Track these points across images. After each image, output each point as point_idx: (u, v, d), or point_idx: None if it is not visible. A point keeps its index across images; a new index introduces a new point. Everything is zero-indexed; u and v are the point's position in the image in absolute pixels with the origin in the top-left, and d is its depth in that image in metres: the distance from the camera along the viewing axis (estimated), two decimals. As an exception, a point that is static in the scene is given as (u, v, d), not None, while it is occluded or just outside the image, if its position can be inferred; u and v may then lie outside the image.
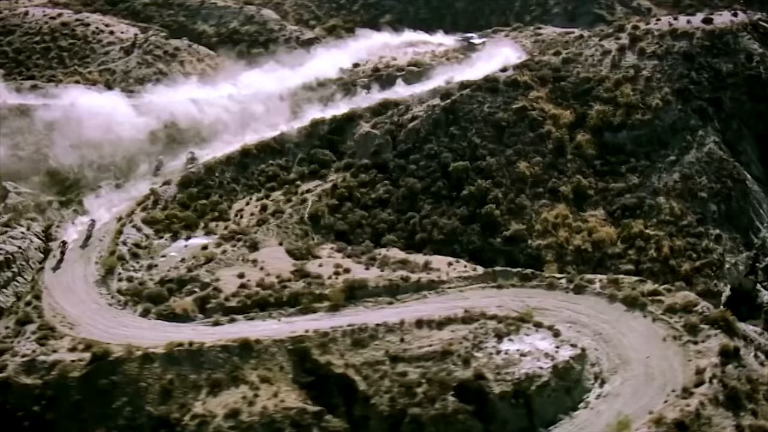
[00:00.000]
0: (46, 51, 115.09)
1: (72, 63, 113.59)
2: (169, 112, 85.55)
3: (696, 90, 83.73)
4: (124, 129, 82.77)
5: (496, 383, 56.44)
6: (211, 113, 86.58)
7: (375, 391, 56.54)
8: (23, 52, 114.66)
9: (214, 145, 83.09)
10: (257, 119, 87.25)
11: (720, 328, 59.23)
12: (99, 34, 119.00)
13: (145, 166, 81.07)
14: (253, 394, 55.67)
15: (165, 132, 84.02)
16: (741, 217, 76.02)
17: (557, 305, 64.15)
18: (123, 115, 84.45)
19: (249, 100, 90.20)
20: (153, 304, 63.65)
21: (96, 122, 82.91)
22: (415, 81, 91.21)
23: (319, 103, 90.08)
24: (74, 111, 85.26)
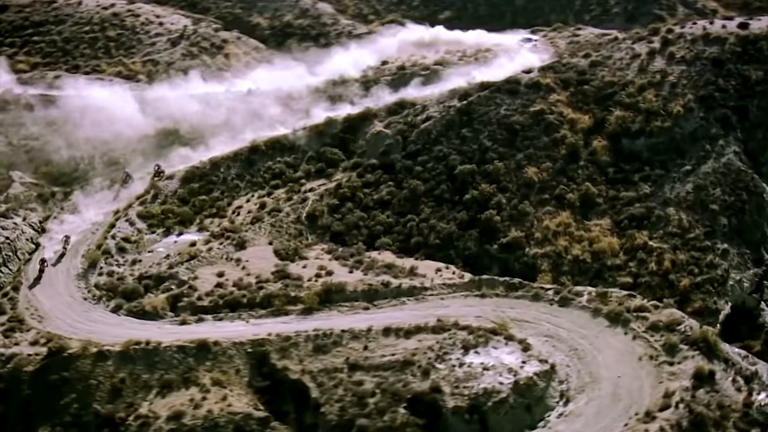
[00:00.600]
0: (94, 41, 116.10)
1: (117, 53, 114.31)
2: (179, 107, 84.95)
3: (721, 97, 79.87)
4: (127, 125, 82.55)
5: (451, 397, 54.62)
6: (223, 109, 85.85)
7: (327, 399, 55.28)
8: (71, 41, 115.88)
9: (223, 141, 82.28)
10: (273, 116, 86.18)
11: (699, 349, 56.25)
12: (148, 25, 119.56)
13: (139, 163, 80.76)
14: (202, 396, 54.84)
15: (166, 130, 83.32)
16: (753, 232, 72.21)
17: (538, 317, 62.01)
18: (126, 110, 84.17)
19: (267, 96, 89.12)
20: (126, 300, 63.46)
21: (101, 117, 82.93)
22: (436, 80, 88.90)
23: (339, 101, 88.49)
24: (85, 104, 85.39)
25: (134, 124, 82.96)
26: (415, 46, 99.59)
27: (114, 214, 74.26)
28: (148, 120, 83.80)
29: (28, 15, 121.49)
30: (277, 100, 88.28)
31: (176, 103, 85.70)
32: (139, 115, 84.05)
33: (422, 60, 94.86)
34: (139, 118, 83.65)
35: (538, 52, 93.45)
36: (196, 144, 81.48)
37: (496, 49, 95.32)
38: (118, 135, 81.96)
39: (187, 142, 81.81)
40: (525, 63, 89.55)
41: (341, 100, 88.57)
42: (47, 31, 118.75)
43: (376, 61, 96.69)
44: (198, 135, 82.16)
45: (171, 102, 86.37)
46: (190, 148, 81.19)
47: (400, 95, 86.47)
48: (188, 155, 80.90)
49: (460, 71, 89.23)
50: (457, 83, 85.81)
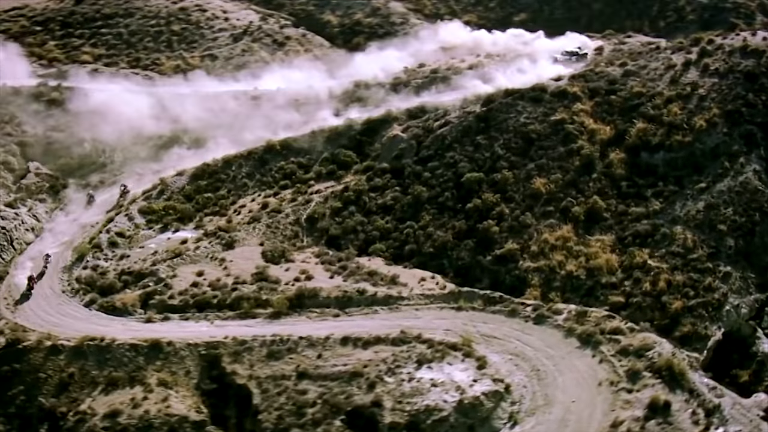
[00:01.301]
0: (158, 34, 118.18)
1: (179, 48, 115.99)
2: (202, 105, 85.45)
3: (748, 113, 75.85)
4: (149, 121, 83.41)
5: (390, 412, 53.45)
6: (245, 108, 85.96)
7: (267, 406, 54.78)
8: (137, 34, 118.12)
9: (240, 140, 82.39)
10: (296, 115, 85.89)
11: (662, 377, 53.68)
12: (213, 20, 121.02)
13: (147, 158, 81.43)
14: (143, 396, 54.93)
15: (181, 128, 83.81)
16: (761, 255, 68.27)
17: (509, 334, 60.22)
18: (150, 107, 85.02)
19: (294, 96, 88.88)
20: (101, 295, 64.10)
21: (127, 112, 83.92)
22: (464, 85, 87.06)
23: (365, 103, 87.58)
24: (116, 99, 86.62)
25: (156, 121, 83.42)
26: (458, 48, 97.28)
27: (119, 207, 74.55)
28: (169, 117, 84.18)
29: (100, 7, 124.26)
30: (305, 100, 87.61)
31: (199, 100, 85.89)
32: (161, 112, 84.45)
33: (458, 63, 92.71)
34: (162, 114, 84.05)
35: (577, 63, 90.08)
36: (212, 141, 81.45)
37: (537, 55, 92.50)
38: (139, 131, 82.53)
39: (205, 140, 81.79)
40: (562, 70, 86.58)
41: (367, 102, 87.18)
42: (116, 23, 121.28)
43: (414, 63, 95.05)
44: (215, 133, 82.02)
45: (196, 99, 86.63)
46: (205, 147, 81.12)
47: (426, 99, 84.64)
48: (203, 154, 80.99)
49: (490, 76, 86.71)
50: (484, 88, 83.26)
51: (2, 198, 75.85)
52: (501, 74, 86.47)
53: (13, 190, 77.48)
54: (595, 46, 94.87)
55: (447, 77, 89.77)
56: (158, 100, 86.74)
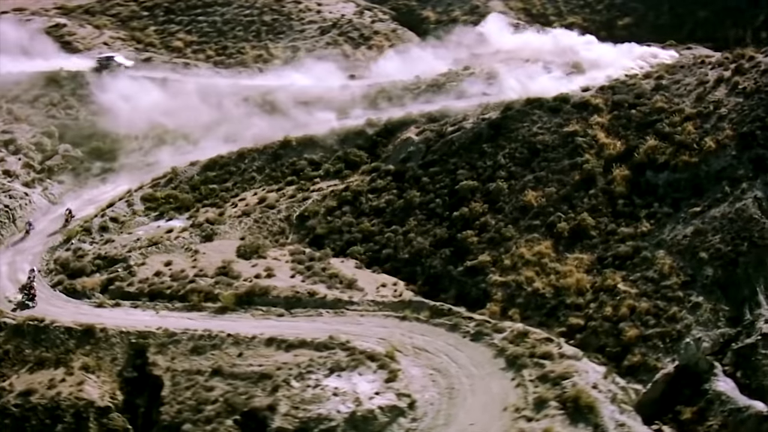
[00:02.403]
0: (250, 24, 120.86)
1: (266, 38, 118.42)
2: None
3: (763, 136, 71.53)
4: (188, 112, 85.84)
5: (282, 417, 54.07)
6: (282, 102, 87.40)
7: (172, 399, 56.22)
8: (230, 23, 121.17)
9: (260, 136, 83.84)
10: (325, 111, 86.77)
11: (566, 409, 52.27)
12: (306, 12, 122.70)
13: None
14: (62, 378, 57.34)
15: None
16: (741, 288, 64.33)
17: (441, 349, 59.89)
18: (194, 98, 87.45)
19: (330, 92, 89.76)
20: (69, 278, 66.87)
21: (172, 103, 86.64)
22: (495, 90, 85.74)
23: (395, 103, 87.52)
24: (170, 88, 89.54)
25: (194, 112, 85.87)
26: (509, 51, 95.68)
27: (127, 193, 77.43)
28: (207, 109, 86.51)
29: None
30: (340, 95, 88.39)
31: (240, 92, 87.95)
32: (198, 103, 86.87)
33: (499, 67, 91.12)
34: (201, 107, 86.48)
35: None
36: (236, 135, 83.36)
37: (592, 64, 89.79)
38: (178, 121, 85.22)
39: (236, 133, 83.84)
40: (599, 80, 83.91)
41: (394, 102, 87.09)
42: (213, 11, 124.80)
43: (455, 65, 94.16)
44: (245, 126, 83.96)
45: (237, 91, 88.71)
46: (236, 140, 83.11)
47: (452, 103, 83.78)
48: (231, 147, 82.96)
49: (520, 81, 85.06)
50: (509, 94, 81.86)
51: (21, 177, 79.88)
52: (530, 80, 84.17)
53: (36, 170, 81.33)
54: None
55: (483, 80, 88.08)
56: (201, 91, 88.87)
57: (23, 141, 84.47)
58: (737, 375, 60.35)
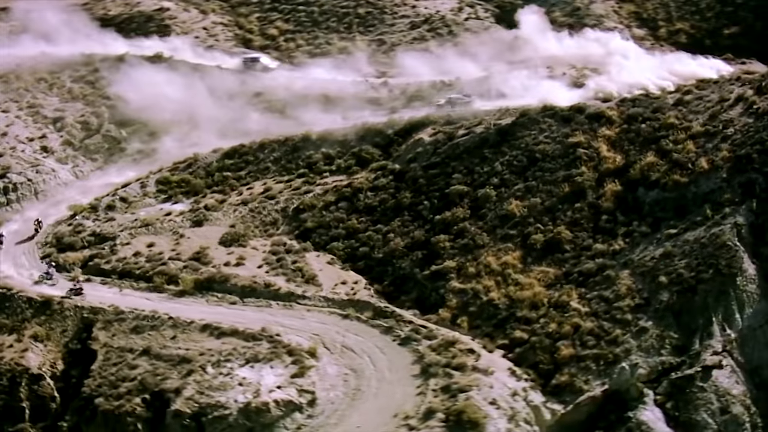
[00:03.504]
0: (344, 16, 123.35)
1: (355, 30, 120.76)
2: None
3: (759, 160, 68.61)
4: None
5: (184, 401, 56.80)
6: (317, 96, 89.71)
7: (97, 373, 59.92)
8: (326, 14, 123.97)
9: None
10: (361, 108, 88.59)
11: (447, 421, 53.19)
12: (400, 6, 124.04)
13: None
14: (10, 344, 62.17)
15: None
16: (696, 316, 62.28)
17: (366, 350, 61.84)
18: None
19: (367, 89, 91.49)
20: (59, 251, 71.59)
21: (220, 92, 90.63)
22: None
23: (426, 103, 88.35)
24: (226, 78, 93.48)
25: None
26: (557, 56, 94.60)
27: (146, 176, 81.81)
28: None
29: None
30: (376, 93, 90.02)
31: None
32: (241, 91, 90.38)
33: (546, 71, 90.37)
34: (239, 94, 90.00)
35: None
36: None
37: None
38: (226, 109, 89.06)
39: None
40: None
41: (425, 102, 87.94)
42: (314, 1, 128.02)
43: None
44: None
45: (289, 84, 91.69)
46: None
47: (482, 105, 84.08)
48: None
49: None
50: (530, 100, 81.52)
51: (57, 153, 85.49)
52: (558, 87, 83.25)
53: (75, 147, 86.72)
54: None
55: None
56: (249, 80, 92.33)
57: (70, 119, 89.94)
58: (667, 406, 58.75)
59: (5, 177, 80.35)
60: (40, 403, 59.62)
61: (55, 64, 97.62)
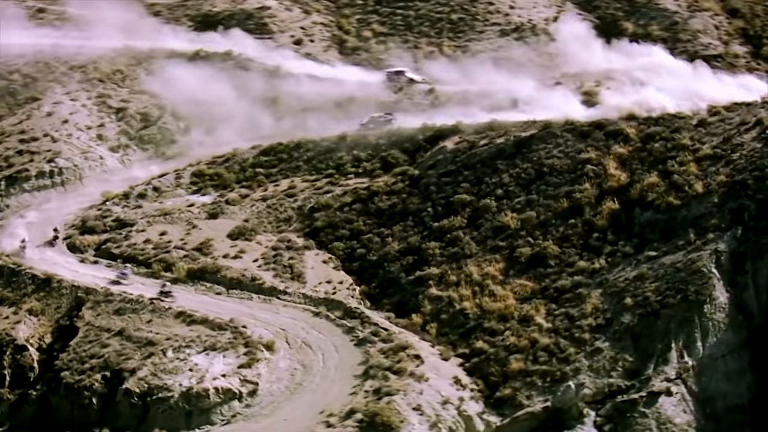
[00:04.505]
0: (437, 21, 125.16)
1: (445, 36, 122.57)
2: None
3: (754, 186, 67.27)
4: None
5: (136, 381, 60.94)
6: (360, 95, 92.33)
7: (74, 349, 64.83)
8: (421, 18, 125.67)
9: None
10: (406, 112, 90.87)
11: (361, 423, 55.69)
12: (493, 14, 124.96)
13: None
14: (6, 316, 67.86)
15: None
16: (655, 341, 61.78)
17: (323, 348, 64.94)
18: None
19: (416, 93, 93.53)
20: (81, 233, 77.08)
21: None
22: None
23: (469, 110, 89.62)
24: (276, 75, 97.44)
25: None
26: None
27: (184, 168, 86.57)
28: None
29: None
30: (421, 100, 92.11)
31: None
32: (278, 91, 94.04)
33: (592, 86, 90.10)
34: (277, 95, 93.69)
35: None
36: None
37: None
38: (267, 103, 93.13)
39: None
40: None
41: (461, 109, 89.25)
42: (412, 5, 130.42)
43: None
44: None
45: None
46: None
47: (505, 115, 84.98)
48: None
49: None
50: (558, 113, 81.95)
51: (110, 142, 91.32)
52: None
53: (130, 137, 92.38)
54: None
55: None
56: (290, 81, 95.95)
57: (132, 110, 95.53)
58: (606, 428, 58.96)
59: (53, 161, 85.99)
60: (21, 372, 64.36)
61: (135, 58, 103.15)
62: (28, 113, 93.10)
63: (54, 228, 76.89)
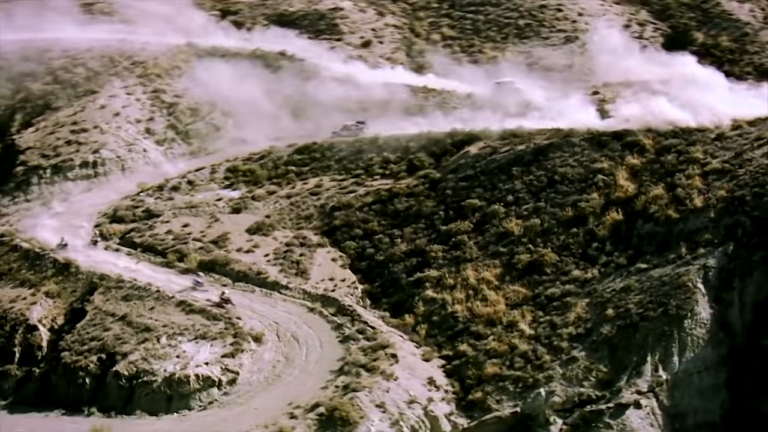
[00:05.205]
0: (505, 26, 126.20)
1: (510, 41, 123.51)
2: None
3: (752, 202, 66.82)
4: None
5: (126, 364, 64.52)
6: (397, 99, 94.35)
7: (78, 331, 68.91)
8: (489, 23, 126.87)
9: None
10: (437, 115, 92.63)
11: (321, 417, 58.13)
12: (561, 21, 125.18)
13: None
14: (24, 297, 72.23)
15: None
16: (632, 353, 61.94)
17: (309, 342, 67.44)
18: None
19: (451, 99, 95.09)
20: (110, 222, 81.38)
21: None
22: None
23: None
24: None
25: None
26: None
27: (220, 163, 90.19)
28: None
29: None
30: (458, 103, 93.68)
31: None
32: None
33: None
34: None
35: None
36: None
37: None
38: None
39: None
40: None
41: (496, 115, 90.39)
42: (483, 10, 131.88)
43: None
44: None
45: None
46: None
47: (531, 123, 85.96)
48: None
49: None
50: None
51: (157, 135, 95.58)
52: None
53: (178, 131, 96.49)
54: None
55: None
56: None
57: (183, 105, 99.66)
58: (570, 437, 59.65)
59: (97, 152, 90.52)
60: (30, 350, 68.38)
61: (195, 55, 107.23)
62: (83, 105, 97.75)
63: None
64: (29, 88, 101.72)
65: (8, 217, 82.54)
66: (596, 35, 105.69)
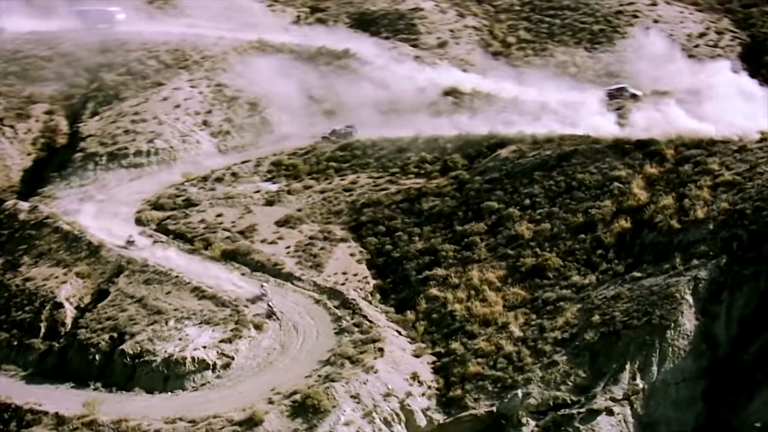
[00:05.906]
0: (579, 31, 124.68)
1: (581, 45, 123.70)
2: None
3: (751, 216, 66.51)
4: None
5: (132, 343, 68.73)
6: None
7: (97, 311, 73.42)
8: (564, 27, 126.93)
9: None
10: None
11: (295, 402, 61.10)
12: (634, 27, 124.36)
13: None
14: (56, 276, 77.06)
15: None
16: (611, 360, 63.09)
17: (308, 333, 70.34)
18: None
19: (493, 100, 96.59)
20: (152, 209, 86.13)
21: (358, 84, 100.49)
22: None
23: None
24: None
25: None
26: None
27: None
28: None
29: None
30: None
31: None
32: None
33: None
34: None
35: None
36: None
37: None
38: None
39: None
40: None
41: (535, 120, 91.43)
42: (561, 14, 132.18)
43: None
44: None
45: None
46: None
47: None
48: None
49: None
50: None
51: (213, 127, 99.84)
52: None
53: (234, 124, 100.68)
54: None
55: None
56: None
57: (243, 99, 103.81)
58: (540, 438, 61.19)
59: (152, 142, 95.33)
60: (54, 326, 73.11)
61: (265, 51, 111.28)
62: (147, 96, 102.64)
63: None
64: (103, 78, 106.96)
65: (59, 200, 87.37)
66: (638, 41, 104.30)
